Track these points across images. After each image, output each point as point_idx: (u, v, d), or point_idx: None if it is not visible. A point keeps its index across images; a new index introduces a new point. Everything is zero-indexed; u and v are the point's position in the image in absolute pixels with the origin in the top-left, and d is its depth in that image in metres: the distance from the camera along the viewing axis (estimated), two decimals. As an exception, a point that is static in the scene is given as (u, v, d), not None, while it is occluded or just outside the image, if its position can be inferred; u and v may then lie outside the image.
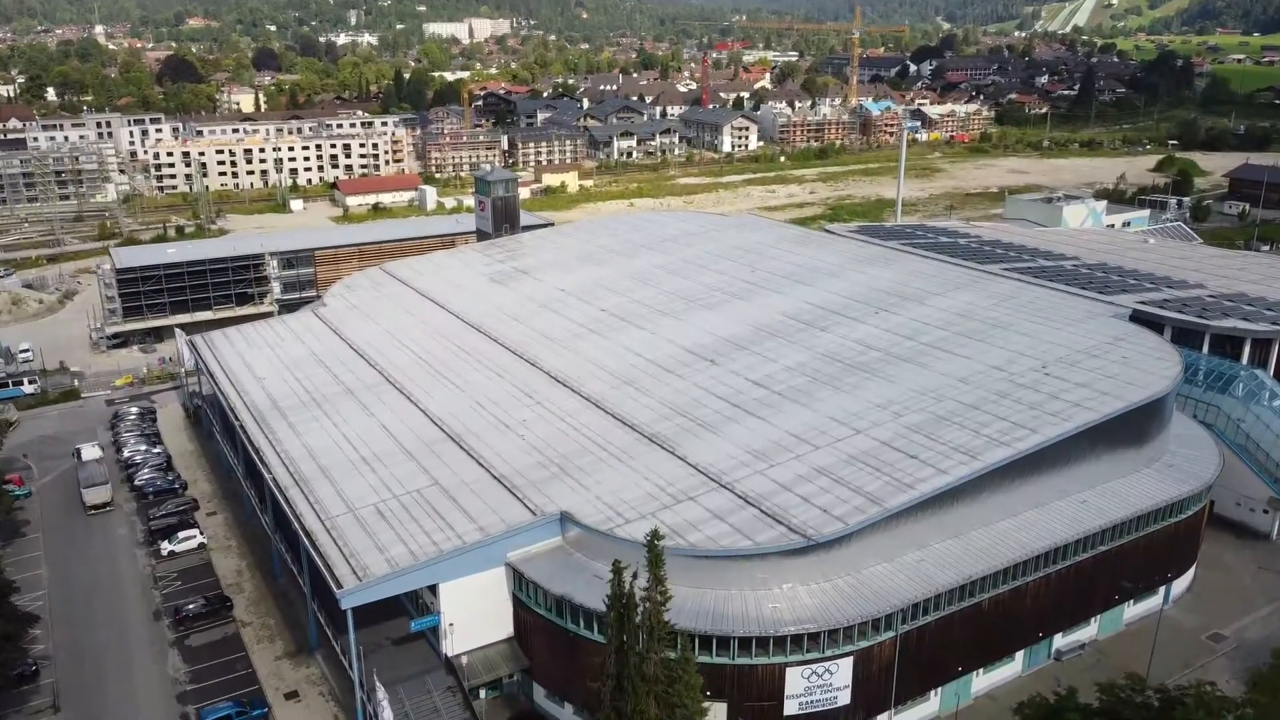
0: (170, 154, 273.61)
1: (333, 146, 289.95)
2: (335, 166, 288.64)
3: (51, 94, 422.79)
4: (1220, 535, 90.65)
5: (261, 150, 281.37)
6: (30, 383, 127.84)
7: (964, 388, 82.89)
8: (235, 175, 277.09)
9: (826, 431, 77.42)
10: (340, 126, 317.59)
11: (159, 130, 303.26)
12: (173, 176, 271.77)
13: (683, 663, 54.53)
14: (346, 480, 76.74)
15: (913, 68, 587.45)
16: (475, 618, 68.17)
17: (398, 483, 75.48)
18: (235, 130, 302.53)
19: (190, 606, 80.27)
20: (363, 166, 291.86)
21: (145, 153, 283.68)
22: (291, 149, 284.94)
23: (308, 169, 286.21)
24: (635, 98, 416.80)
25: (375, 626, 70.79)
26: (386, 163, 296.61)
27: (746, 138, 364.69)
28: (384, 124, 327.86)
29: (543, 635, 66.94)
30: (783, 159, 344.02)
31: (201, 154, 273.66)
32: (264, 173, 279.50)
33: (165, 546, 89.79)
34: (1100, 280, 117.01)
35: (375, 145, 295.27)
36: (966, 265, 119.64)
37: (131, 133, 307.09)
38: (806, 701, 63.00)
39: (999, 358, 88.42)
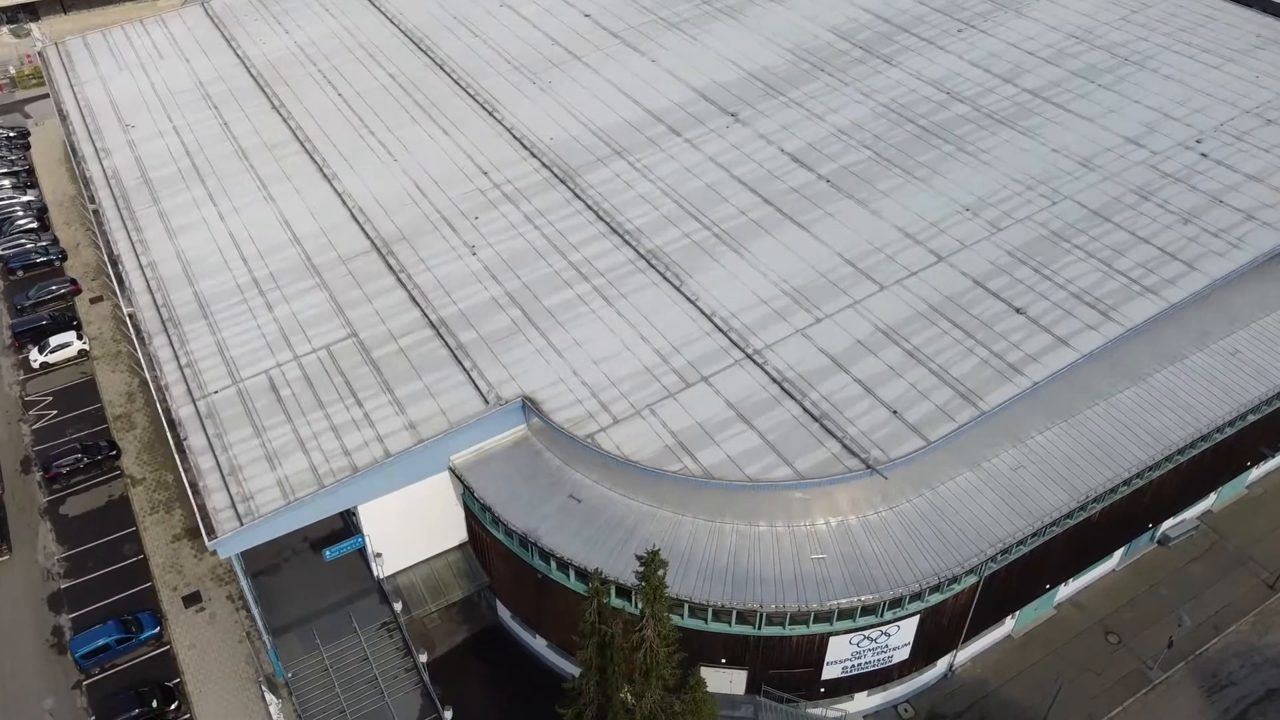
0: None
1: None
2: None
3: None
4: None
5: None
6: None
7: (1087, 179, 59.60)
8: None
9: (895, 256, 55.61)
10: None
11: None
12: None
13: (693, 704, 38.20)
14: (233, 322, 56.11)
15: None
16: (413, 531, 51.38)
17: (301, 331, 54.98)
18: None
19: (66, 459, 63.07)
20: None
21: None
22: None
23: None
24: None
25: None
26: None
27: None
28: None
29: (503, 559, 50.24)
30: None
31: None
32: None
33: (36, 357, 70.92)
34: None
35: None
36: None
37: None
38: (853, 665, 47.82)
39: (1134, 122, 63.93)
